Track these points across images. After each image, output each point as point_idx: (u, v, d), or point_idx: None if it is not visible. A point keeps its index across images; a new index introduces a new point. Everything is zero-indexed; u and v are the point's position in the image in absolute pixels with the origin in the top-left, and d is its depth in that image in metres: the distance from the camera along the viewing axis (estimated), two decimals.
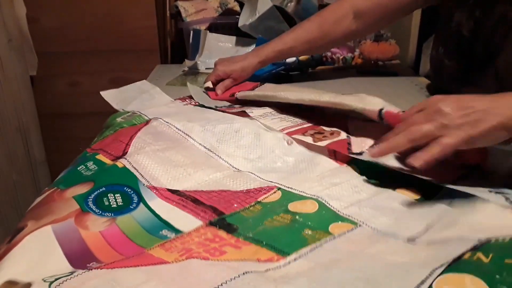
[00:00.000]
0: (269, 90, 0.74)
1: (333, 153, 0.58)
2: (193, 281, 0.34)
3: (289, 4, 1.21)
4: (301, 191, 0.49)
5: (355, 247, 0.39)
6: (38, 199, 0.48)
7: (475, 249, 0.35)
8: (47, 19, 1.32)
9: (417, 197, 0.49)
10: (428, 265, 0.34)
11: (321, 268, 0.35)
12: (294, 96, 0.67)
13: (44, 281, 0.34)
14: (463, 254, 0.34)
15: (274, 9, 1.10)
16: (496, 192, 0.46)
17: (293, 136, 0.61)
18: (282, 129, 0.64)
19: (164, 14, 1.36)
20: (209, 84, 0.86)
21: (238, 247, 0.39)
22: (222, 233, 0.41)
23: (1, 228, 1.22)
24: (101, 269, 0.35)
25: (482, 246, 0.35)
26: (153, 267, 0.36)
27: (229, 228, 0.42)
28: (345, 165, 0.56)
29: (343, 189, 0.50)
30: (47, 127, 1.42)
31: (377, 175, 0.53)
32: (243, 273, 0.34)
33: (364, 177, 0.53)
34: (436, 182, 0.48)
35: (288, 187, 0.50)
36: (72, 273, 0.35)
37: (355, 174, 0.54)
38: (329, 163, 0.56)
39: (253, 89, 0.79)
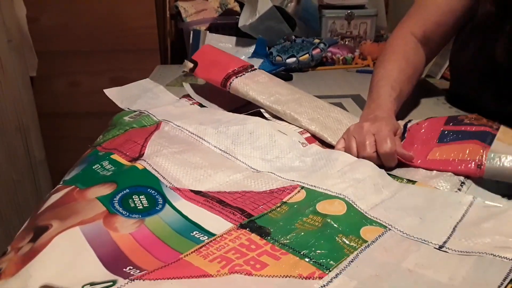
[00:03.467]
0: (263, 90, 0.72)
1: None
2: None
3: (289, 5, 1.22)
4: (325, 189, 0.49)
5: (390, 258, 0.39)
6: (56, 197, 0.48)
7: None
8: (47, 19, 1.32)
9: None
10: None
11: None
12: (289, 117, 0.67)
13: None
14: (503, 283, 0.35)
15: (274, 9, 1.10)
16: (509, 198, 0.47)
17: (313, 144, 0.62)
18: (301, 132, 0.65)
19: (164, 14, 1.36)
20: (189, 65, 0.80)
21: (276, 257, 0.39)
22: (255, 237, 0.41)
23: (1, 228, 1.22)
24: (143, 280, 0.35)
25: None
26: (196, 282, 0.35)
27: (262, 232, 0.42)
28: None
29: (365, 186, 0.50)
30: (47, 127, 1.42)
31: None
32: None
33: (383, 170, 0.54)
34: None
35: (311, 185, 0.50)
36: (113, 282, 0.34)
37: (374, 166, 0.54)
38: (347, 157, 0.56)
39: (244, 71, 0.75)
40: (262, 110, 0.70)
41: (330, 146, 0.63)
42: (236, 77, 0.73)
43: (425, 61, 0.78)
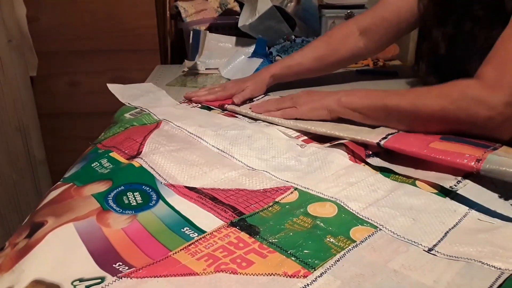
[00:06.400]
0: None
1: (350, 151, 0.58)
2: None
3: (289, 4, 1.22)
4: (318, 192, 0.49)
5: (377, 258, 0.39)
6: (54, 194, 0.49)
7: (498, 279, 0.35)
8: (47, 18, 1.32)
9: (435, 190, 0.50)
10: None
11: None
12: (289, 124, 0.67)
13: (74, 286, 0.34)
14: None
15: (274, 9, 1.10)
16: (506, 199, 0.47)
17: (312, 144, 0.62)
18: (297, 136, 0.65)
19: (164, 14, 1.36)
20: (189, 95, 0.83)
21: (263, 255, 0.39)
22: (244, 236, 0.42)
23: (1, 228, 1.22)
24: (130, 278, 0.35)
25: (505, 283, 0.35)
26: (182, 280, 0.36)
27: (251, 230, 0.42)
28: (360, 164, 0.56)
29: (359, 188, 0.50)
30: (47, 127, 1.42)
31: (393, 171, 0.54)
32: None
33: (380, 174, 0.53)
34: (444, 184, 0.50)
35: (305, 188, 0.51)
36: (101, 279, 0.35)
37: (370, 171, 0.54)
38: (343, 161, 0.56)
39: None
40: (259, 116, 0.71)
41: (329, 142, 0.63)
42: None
43: (364, 49, 0.87)
